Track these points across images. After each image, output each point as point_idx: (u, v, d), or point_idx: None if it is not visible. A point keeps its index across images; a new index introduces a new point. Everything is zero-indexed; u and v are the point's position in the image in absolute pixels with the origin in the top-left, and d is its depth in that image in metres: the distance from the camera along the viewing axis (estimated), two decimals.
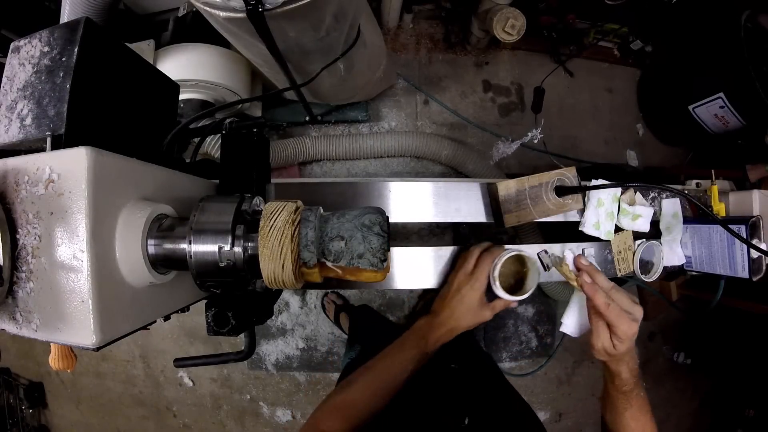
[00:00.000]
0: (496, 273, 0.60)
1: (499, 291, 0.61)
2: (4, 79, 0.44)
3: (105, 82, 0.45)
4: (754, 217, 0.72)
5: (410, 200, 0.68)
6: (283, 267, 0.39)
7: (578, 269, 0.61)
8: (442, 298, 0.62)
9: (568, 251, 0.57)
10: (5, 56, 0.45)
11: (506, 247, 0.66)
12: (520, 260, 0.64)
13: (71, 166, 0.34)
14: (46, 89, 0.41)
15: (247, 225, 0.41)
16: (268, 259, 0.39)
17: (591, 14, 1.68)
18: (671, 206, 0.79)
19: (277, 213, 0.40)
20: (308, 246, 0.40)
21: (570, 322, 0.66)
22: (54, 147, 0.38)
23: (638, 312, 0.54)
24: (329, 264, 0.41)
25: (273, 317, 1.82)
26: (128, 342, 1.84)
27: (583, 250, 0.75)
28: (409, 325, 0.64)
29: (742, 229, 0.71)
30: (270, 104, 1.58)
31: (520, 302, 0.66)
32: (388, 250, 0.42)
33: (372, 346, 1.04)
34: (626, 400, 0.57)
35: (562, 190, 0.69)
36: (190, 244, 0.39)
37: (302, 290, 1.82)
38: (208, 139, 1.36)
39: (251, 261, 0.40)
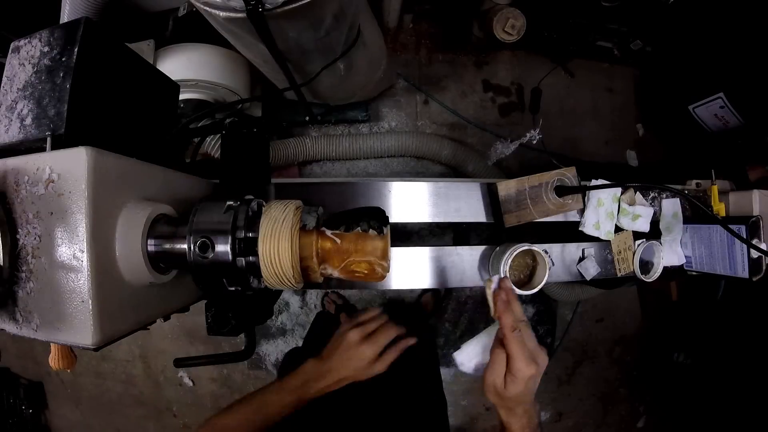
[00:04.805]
0: (507, 268, 0.61)
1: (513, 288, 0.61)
2: (4, 79, 0.44)
3: (105, 82, 0.45)
4: (754, 217, 0.72)
5: (410, 200, 0.68)
6: (282, 223, 0.39)
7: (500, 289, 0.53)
8: (332, 349, 0.60)
9: (496, 276, 0.52)
10: (5, 56, 0.45)
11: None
12: (528, 254, 0.65)
13: (71, 166, 0.34)
14: (46, 89, 0.41)
15: (247, 225, 0.41)
16: (270, 221, 0.40)
17: (590, 15, 1.67)
18: (671, 206, 0.79)
19: (282, 201, 0.43)
20: (310, 212, 0.42)
21: (468, 354, 0.56)
22: (54, 147, 0.38)
23: (541, 357, 0.47)
24: (328, 233, 0.42)
25: (273, 317, 1.82)
26: (128, 342, 1.84)
27: (583, 251, 0.75)
28: None
29: (742, 229, 0.71)
30: (270, 104, 1.58)
31: (525, 298, 0.66)
32: (387, 224, 0.43)
33: (308, 342, 1.11)
34: None
35: (562, 190, 0.69)
36: (190, 243, 0.39)
37: (302, 290, 1.82)
38: (208, 139, 1.36)
39: (251, 261, 0.40)
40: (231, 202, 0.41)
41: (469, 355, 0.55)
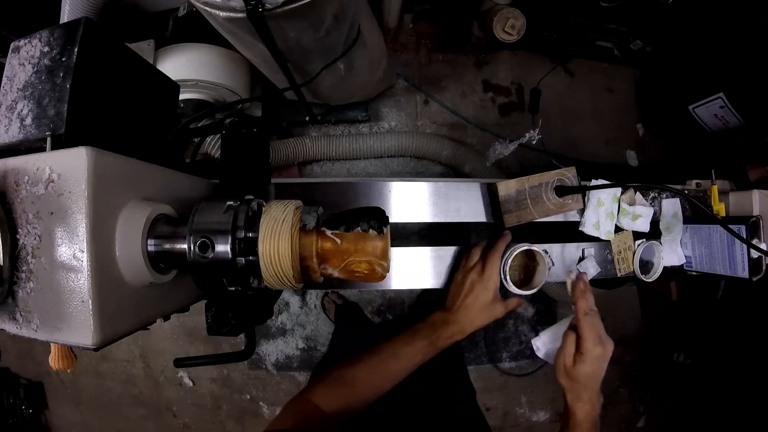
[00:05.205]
0: (507, 268, 0.61)
1: (510, 286, 0.61)
2: (4, 79, 0.44)
3: (105, 82, 0.45)
4: (754, 217, 0.72)
5: (410, 200, 0.68)
6: (282, 223, 0.39)
7: (578, 280, 0.62)
8: (455, 297, 0.62)
9: (576, 268, 0.60)
10: (5, 56, 0.45)
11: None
12: (528, 254, 0.65)
13: (71, 166, 0.34)
14: (46, 89, 0.41)
15: (247, 225, 0.41)
16: (270, 221, 0.40)
17: (590, 15, 1.68)
18: (671, 206, 0.78)
19: (283, 201, 0.43)
20: (310, 212, 0.43)
21: (543, 341, 0.65)
22: (54, 147, 0.38)
23: (609, 343, 0.54)
24: (328, 233, 0.42)
25: (273, 317, 1.82)
26: (128, 342, 1.84)
27: (583, 251, 0.75)
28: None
29: (742, 229, 0.71)
30: (270, 104, 1.58)
31: (525, 298, 0.67)
32: (387, 224, 0.43)
33: (336, 353, 1.11)
34: None
35: (562, 190, 0.69)
36: (190, 243, 0.39)
37: (302, 290, 1.82)
38: (208, 139, 1.36)
39: (251, 261, 0.40)
40: (231, 202, 0.41)
41: (544, 341, 0.64)
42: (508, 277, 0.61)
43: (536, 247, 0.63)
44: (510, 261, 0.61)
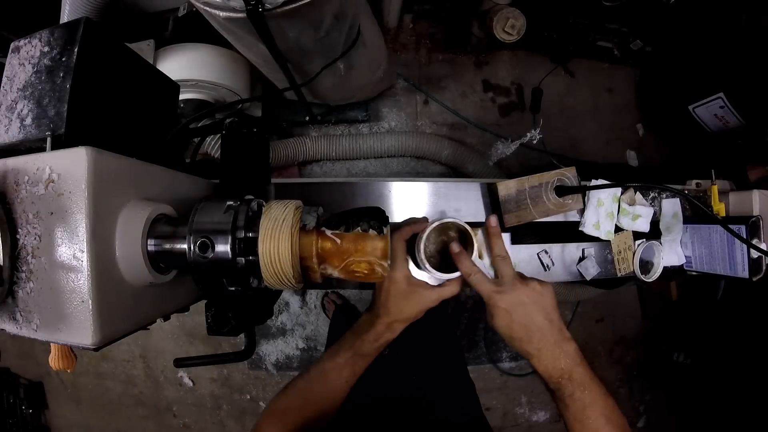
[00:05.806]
0: (422, 254, 0.53)
1: (429, 269, 0.52)
2: (4, 79, 0.44)
3: (105, 82, 0.45)
4: (754, 217, 0.72)
5: (410, 200, 0.68)
6: (282, 223, 0.39)
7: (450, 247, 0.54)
8: (376, 291, 0.55)
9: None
10: (5, 56, 0.45)
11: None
12: (450, 229, 0.55)
13: (71, 166, 0.34)
14: (46, 89, 0.41)
15: (247, 225, 0.41)
16: (269, 221, 0.40)
17: (590, 15, 1.68)
18: (671, 206, 0.79)
19: (283, 201, 0.43)
20: (310, 212, 0.42)
21: None
22: (54, 147, 0.38)
23: (508, 292, 0.49)
24: (328, 233, 0.42)
25: (273, 317, 1.82)
26: (128, 342, 1.84)
27: (583, 251, 0.75)
28: None
29: (742, 229, 0.71)
30: (270, 104, 1.58)
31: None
32: (387, 224, 0.43)
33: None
34: (559, 400, 0.52)
35: (562, 190, 0.69)
36: (190, 243, 0.39)
37: (302, 290, 1.82)
38: (208, 139, 1.36)
39: (251, 261, 0.40)
40: (231, 202, 0.41)
41: None
42: (426, 263, 0.52)
43: (453, 219, 0.54)
44: (423, 244, 0.53)
